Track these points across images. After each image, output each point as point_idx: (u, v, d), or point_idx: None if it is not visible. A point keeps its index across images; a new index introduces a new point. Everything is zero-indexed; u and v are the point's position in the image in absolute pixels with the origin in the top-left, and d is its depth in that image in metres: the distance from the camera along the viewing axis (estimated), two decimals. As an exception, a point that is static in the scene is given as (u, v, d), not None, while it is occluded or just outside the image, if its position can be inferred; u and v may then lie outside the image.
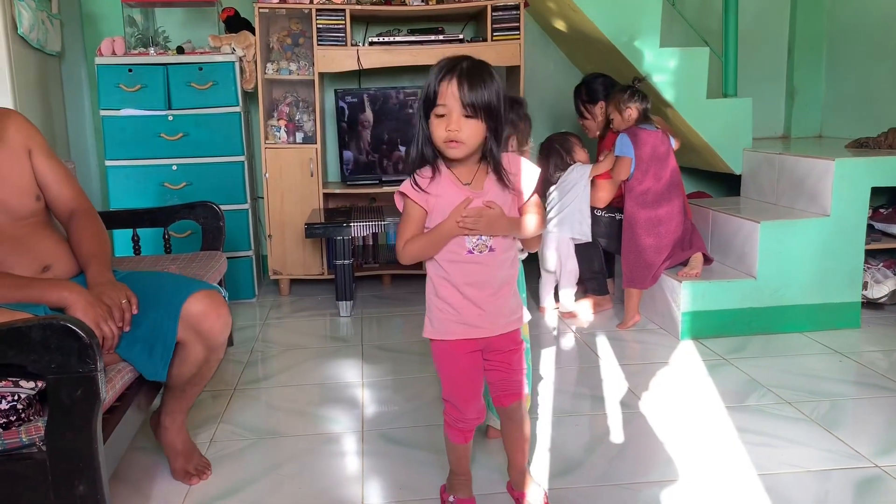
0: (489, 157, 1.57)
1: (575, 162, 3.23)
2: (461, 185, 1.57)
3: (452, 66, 1.50)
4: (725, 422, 2.22)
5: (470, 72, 1.49)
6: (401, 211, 1.63)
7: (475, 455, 2.00)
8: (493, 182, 1.59)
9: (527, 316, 1.87)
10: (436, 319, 1.64)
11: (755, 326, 2.99)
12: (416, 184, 1.57)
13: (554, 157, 3.23)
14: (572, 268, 3.24)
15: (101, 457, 1.46)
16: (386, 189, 3.81)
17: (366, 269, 3.88)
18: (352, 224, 3.38)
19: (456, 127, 1.48)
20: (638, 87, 3.07)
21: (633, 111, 3.04)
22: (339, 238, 3.38)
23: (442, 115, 1.49)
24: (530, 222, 1.62)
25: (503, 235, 1.60)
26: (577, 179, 3.17)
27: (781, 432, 2.14)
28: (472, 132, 1.50)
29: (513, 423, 1.73)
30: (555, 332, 3.10)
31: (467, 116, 1.49)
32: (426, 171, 1.58)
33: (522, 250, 2.26)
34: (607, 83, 3.41)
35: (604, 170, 3.16)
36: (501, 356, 1.67)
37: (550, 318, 3.30)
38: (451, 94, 1.48)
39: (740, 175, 3.62)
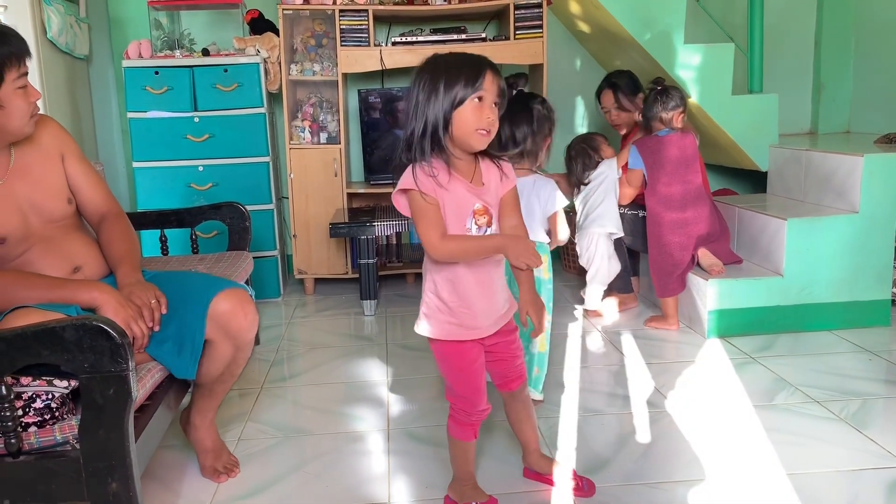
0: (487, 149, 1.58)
1: (602, 160, 3.21)
2: (469, 184, 1.56)
3: (482, 57, 1.52)
4: (753, 421, 2.20)
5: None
6: (401, 210, 1.57)
7: (487, 452, 2.01)
8: (489, 174, 1.59)
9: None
10: (435, 320, 1.63)
11: (783, 325, 2.95)
12: (424, 174, 1.51)
13: (581, 157, 3.20)
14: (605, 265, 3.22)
15: (133, 454, 1.49)
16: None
17: (389, 268, 3.89)
18: (375, 223, 3.40)
19: (494, 115, 1.50)
20: (661, 89, 3.02)
21: (659, 125, 3.02)
22: (363, 237, 3.40)
23: (480, 103, 1.48)
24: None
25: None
26: (607, 172, 3.16)
27: (810, 431, 2.12)
28: (497, 122, 1.53)
29: (520, 403, 1.81)
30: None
31: (496, 105, 1.51)
32: (436, 162, 1.52)
33: (549, 243, 2.27)
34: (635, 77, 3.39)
35: (623, 162, 3.15)
36: (501, 347, 1.71)
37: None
38: (492, 83, 1.49)
39: (766, 172, 3.58)
